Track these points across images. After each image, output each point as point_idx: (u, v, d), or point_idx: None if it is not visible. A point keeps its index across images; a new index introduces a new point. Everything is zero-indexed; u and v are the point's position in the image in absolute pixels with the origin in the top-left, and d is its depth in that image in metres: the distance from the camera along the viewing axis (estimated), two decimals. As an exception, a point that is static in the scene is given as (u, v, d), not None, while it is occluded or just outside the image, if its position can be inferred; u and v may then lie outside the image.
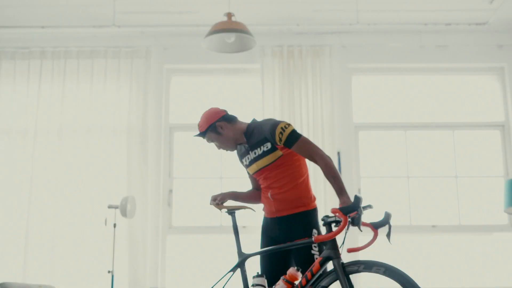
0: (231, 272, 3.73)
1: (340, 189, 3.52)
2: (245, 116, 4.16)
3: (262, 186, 3.97)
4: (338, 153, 6.75)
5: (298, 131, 5.58)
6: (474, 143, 7.05)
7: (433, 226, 6.77)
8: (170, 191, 6.86)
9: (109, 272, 6.08)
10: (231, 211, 3.90)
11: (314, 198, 3.92)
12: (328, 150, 6.58)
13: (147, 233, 6.56)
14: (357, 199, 3.26)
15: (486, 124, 7.10)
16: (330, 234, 3.33)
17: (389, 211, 3.46)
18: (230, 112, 4.02)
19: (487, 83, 7.23)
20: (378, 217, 3.48)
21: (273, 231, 3.90)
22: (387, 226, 3.45)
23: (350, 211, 3.25)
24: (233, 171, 6.77)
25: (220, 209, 3.94)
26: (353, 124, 7.01)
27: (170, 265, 6.70)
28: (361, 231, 3.37)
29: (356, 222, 3.27)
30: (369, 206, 3.46)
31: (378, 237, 3.47)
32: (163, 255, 6.67)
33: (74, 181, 6.63)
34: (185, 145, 7.01)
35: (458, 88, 7.20)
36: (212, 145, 4.05)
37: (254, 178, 4.07)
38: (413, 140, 7.06)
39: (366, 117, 7.11)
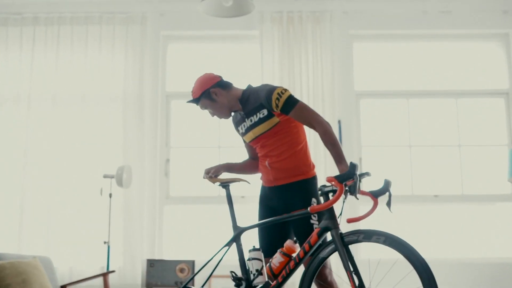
0: (227, 247, 3.61)
1: (338, 157, 3.39)
2: (243, 84, 4.00)
3: (259, 154, 3.83)
4: (339, 122, 6.63)
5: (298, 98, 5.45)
6: (478, 111, 6.93)
7: (435, 196, 6.69)
8: (167, 160, 6.75)
9: (105, 243, 6.04)
10: (225, 184, 3.75)
11: (313, 166, 3.78)
12: (329, 118, 6.46)
13: (143, 203, 6.46)
14: (353, 166, 3.13)
15: (490, 92, 6.97)
16: (326, 203, 3.20)
17: (388, 178, 3.33)
18: (225, 79, 3.87)
19: (492, 49, 7.08)
20: (378, 186, 3.35)
21: (271, 200, 3.78)
22: (387, 194, 3.30)
23: (346, 179, 3.13)
24: (231, 140, 6.64)
25: (214, 182, 3.80)
26: (354, 92, 6.88)
27: (167, 236, 6.63)
28: (358, 199, 3.25)
29: (352, 190, 3.15)
30: (367, 174, 3.32)
31: (378, 206, 3.33)
32: (160, 225, 6.58)
33: (69, 150, 6.52)
34: (183, 113, 6.89)
35: (462, 55, 7.05)
36: (211, 113, 3.90)
37: (250, 146, 3.94)
38: (416, 108, 6.94)
39: (368, 85, 6.97)
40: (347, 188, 3.17)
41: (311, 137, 6.09)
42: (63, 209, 6.38)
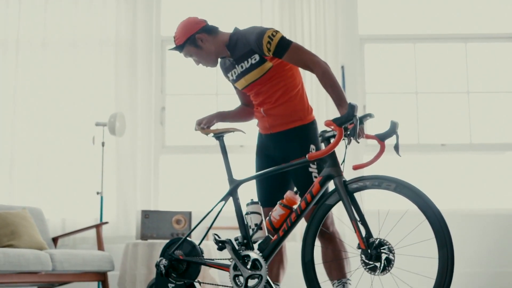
0: (223, 202, 3.42)
1: (339, 99, 3.18)
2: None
3: (254, 102, 3.62)
4: (342, 67, 6.43)
5: (299, 43, 5.19)
6: (488, 56, 6.71)
7: (443, 145, 6.52)
8: (163, 108, 6.53)
9: (98, 193, 5.87)
10: (218, 135, 3.56)
11: (311, 110, 3.58)
12: (331, 64, 6.22)
13: (138, 152, 6.29)
14: (352, 107, 2.92)
15: (501, 36, 6.74)
16: (324, 150, 3.01)
17: (395, 120, 3.12)
18: (211, 22, 3.59)
19: (504, -10, 6.81)
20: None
21: (268, 149, 3.59)
22: (394, 136, 3.09)
23: (345, 121, 2.93)
24: (229, 87, 6.37)
25: (207, 134, 3.61)
26: (359, 36, 6.65)
27: (164, 187, 6.48)
28: (358, 142, 3.03)
29: (352, 133, 2.94)
30: (369, 115, 3.12)
31: (385, 150, 3.12)
32: (156, 175, 6.42)
33: (60, 97, 6.28)
34: (179, 59, 6.52)
35: (472, -4, 6.80)
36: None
37: (242, 92, 3.71)
38: (423, 53, 6.72)
39: (373, 29, 6.74)
40: (348, 132, 2.96)
41: (313, 77, 5.87)
42: (54, 158, 6.19)
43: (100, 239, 5.49)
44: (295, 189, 3.43)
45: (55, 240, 5.63)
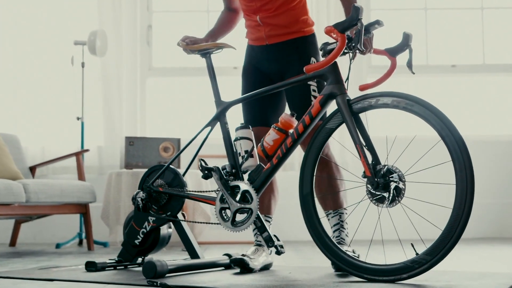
0: (209, 127, 3.12)
1: (350, 3, 2.92)
2: None
3: (247, 8, 3.25)
4: (343, -21, 5.93)
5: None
6: (504, -32, 6.38)
7: (453, 66, 6.27)
8: (149, 26, 6.19)
9: (78, 119, 5.54)
10: (204, 52, 3.20)
11: (313, 23, 3.28)
12: (332, -26, 5.87)
13: (122, 74, 5.95)
14: (356, 9, 2.57)
15: None
16: (325, 60, 2.66)
17: (408, 31, 2.82)
18: None
19: None
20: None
21: (261, 62, 3.25)
22: (407, 51, 2.81)
23: (348, 26, 2.59)
24: (221, 3, 5.95)
25: (191, 52, 3.23)
26: None
27: (151, 112, 6.19)
28: (363, 53, 2.76)
29: (356, 40, 2.62)
30: (378, 23, 2.77)
31: (396, 67, 2.85)
32: (142, 100, 6.12)
33: (36, 13, 5.94)
34: (166, -29, 6.29)
35: None
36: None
37: None
38: (433, -36, 6.36)
39: None
40: (352, 43, 2.66)
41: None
42: (30, 80, 5.91)
43: (81, 168, 5.10)
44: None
45: (32, 169, 5.23)
